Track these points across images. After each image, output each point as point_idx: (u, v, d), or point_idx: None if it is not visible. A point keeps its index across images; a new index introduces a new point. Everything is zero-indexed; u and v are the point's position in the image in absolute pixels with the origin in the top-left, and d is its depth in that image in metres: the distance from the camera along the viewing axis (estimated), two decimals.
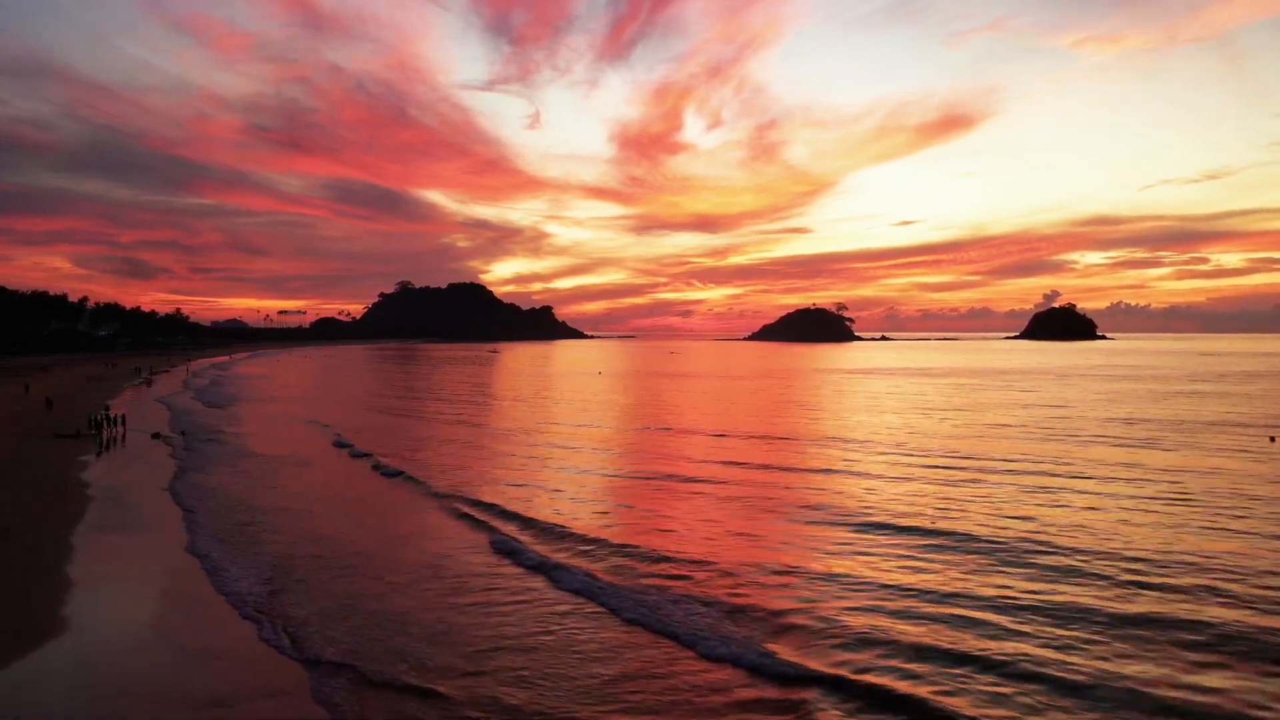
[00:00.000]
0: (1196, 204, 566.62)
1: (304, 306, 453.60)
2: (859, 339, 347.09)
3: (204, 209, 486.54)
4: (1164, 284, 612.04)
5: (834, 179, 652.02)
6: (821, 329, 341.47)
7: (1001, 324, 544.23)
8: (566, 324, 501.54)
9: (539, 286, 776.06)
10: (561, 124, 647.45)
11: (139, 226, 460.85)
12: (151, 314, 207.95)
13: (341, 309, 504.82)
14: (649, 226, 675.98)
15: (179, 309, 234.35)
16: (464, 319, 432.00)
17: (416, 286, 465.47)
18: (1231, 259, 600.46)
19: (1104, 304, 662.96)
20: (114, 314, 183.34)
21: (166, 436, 40.17)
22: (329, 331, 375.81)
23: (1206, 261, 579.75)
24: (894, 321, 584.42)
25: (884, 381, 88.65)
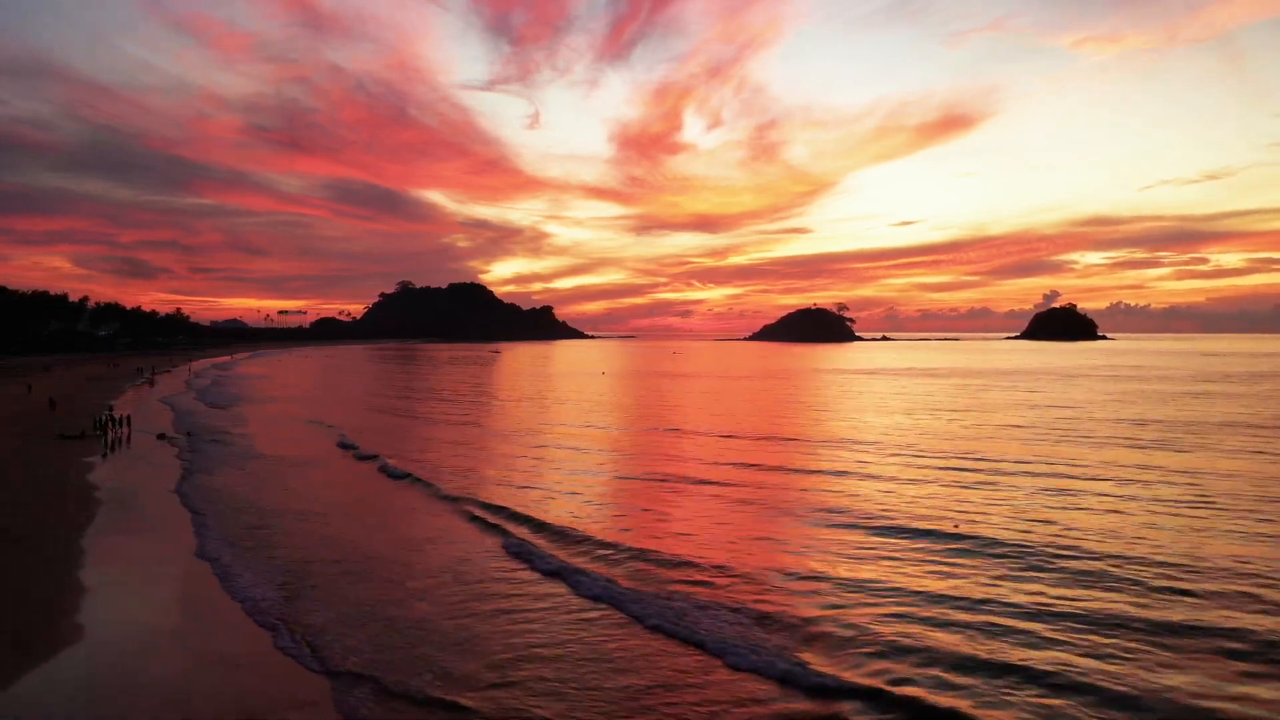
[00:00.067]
0: (1196, 204, 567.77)
1: (304, 306, 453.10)
2: (859, 339, 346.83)
3: (204, 209, 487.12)
4: (1164, 284, 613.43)
5: (834, 179, 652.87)
6: (822, 329, 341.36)
7: (1001, 324, 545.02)
8: (567, 324, 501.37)
9: (539, 286, 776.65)
10: (561, 124, 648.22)
11: (139, 226, 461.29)
12: (152, 314, 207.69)
13: (342, 309, 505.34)
14: (649, 226, 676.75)
15: (179, 309, 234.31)
16: (464, 319, 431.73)
17: (417, 286, 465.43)
18: (1231, 259, 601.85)
19: (1104, 304, 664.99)
20: (114, 314, 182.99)
21: (171, 437, 39.84)
22: (329, 332, 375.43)
23: (1206, 262, 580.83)
24: (894, 322, 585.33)
25: (888, 382, 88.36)
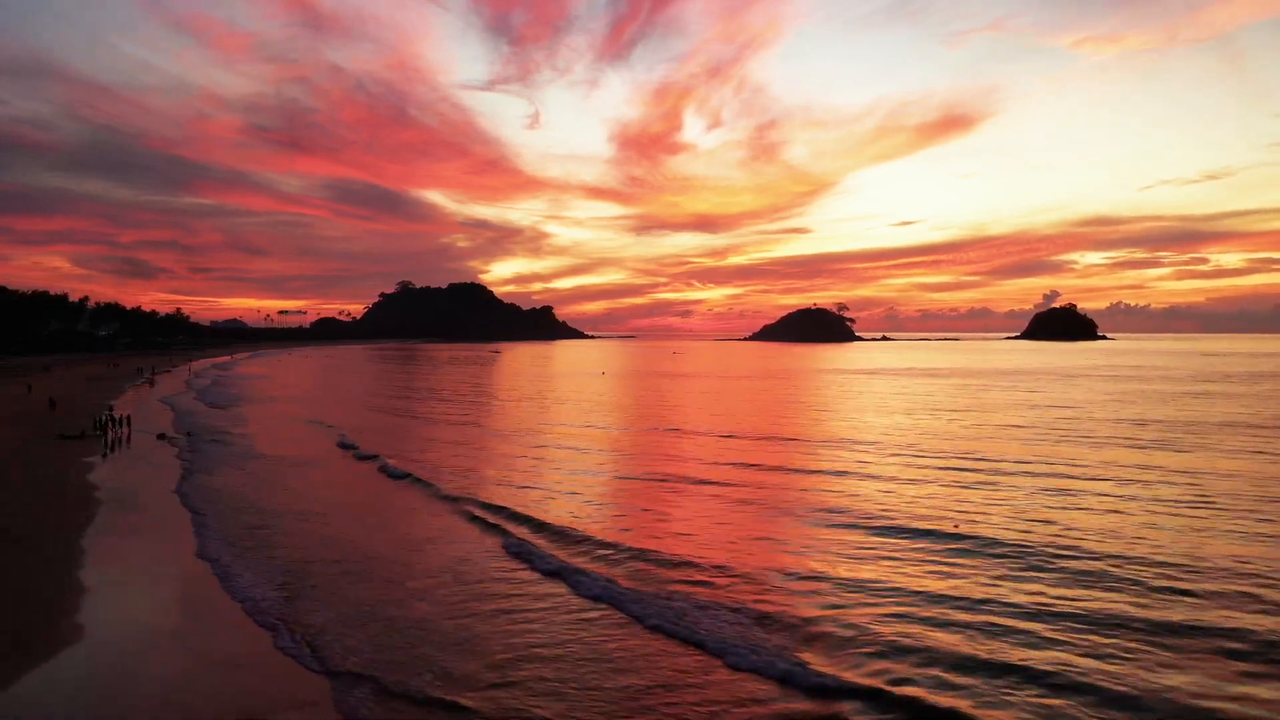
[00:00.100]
0: (1196, 204, 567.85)
1: (304, 306, 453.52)
2: (860, 339, 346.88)
3: (204, 209, 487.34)
4: (1163, 284, 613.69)
5: (834, 179, 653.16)
6: (822, 329, 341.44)
7: (1001, 324, 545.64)
8: (567, 324, 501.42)
9: (539, 286, 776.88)
10: (561, 124, 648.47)
11: (139, 226, 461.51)
12: (152, 314, 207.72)
13: (342, 309, 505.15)
14: (649, 226, 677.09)
15: (179, 309, 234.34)
16: (464, 319, 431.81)
17: (417, 286, 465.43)
18: (1231, 259, 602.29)
19: (1103, 304, 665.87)
20: (114, 314, 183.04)
21: (172, 437, 39.85)
22: (329, 331, 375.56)
23: (1206, 262, 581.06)
24: (893, 322, 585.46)
25: (889, 382, 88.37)
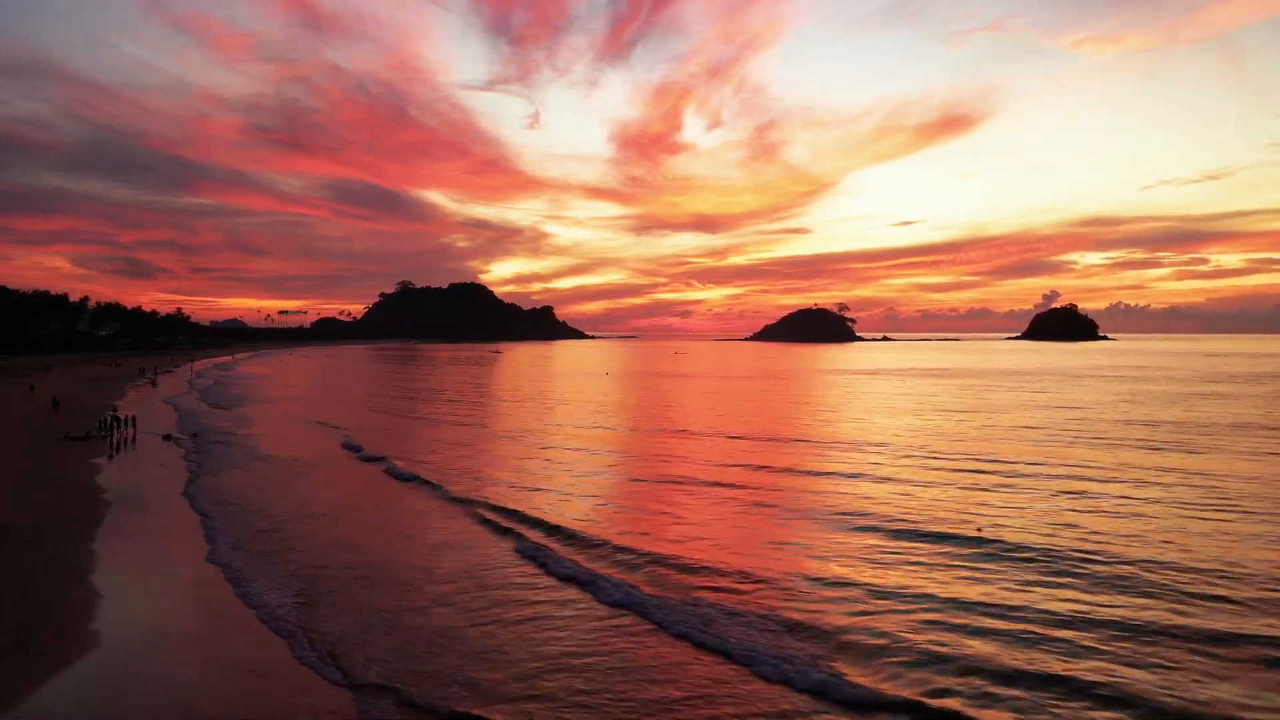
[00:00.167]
0: (1196, 204, 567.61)
1: (304, 306, 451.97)
2: (860, 339, 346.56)
3: (204, 209, 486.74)
4: (1163, 284, 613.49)
5: (834, 179, 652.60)
6: (823, 329, 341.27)
7: (1001, 324, 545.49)
8: (567, 324, 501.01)
9: (539, 286, 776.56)
10: (561, 124, 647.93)
11: (139, 226, 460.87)
12: (152, 314, 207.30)
13: (342, 309, 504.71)
14: (649, 226, 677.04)
15: (180, 309, 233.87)
16: (464, 319, 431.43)
17: (417, 287, 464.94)
18: (1231, 259, 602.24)
19: (1103, 304, 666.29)
20: (115, 314, 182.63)
21: (177, 438, 39.53)
22: (329, 331, 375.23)
23: (1206, 262, 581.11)
24: (893, 322, 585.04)
25: (893, 382, 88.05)
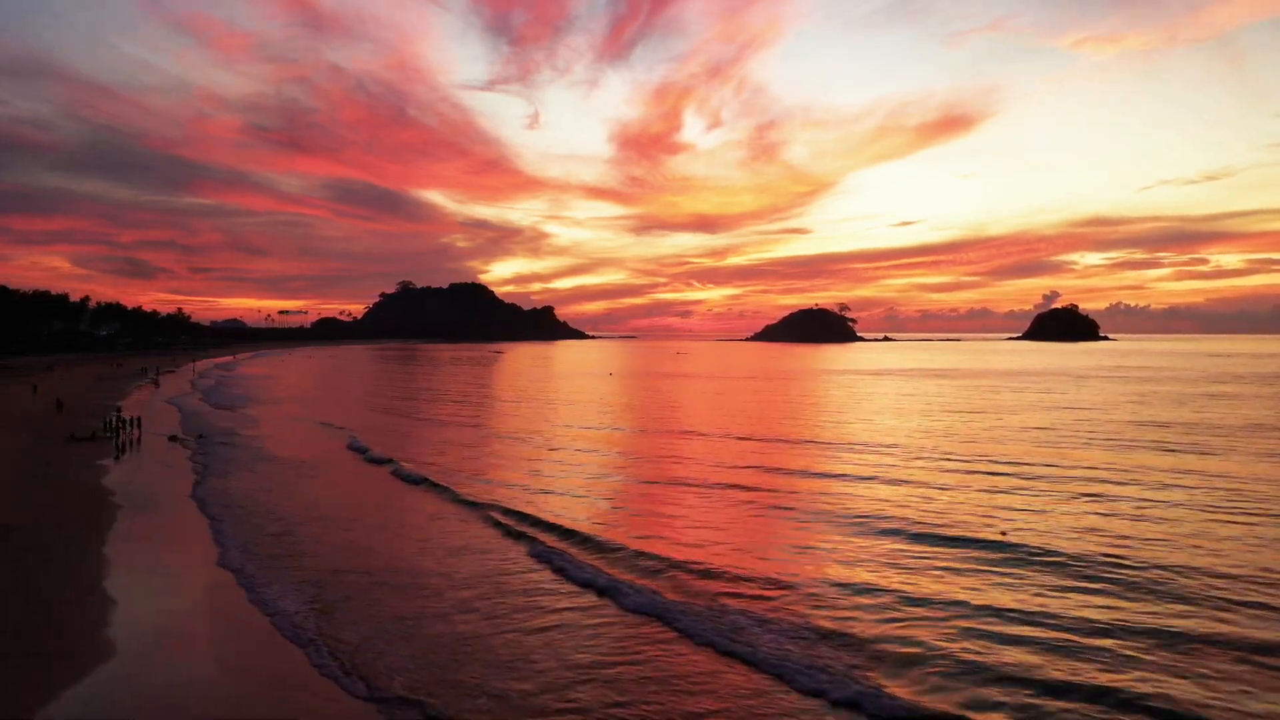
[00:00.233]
0: (1196, 204, 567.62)
1: (304, 306, 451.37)
2: (861, 339, 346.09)
3: (204, 209, 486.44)
4: (1163, 285, 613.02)
5: (834, 179, 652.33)
6: (824, 329, 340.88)
7: (1001, 325, 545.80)
8: (567, 324, 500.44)
9: (538, 287, 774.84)
10: (561, 124, 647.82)
11: (139, 226, 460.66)
12: (153, 314, 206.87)
13: (342, 309, 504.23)
14: (648, 227, 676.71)
15: (180, 309, 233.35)
16: (465, 319, 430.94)
17: (417, 286, 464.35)
18: (1231, 260, 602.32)
19: (1103, 305, 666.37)
20: (115, 314, 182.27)
21: (182, 439, 39.18)
22: (330, 331, 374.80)
23: (1206, 262, 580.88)
24: (893, 322, 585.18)
25: (898, 383, 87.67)
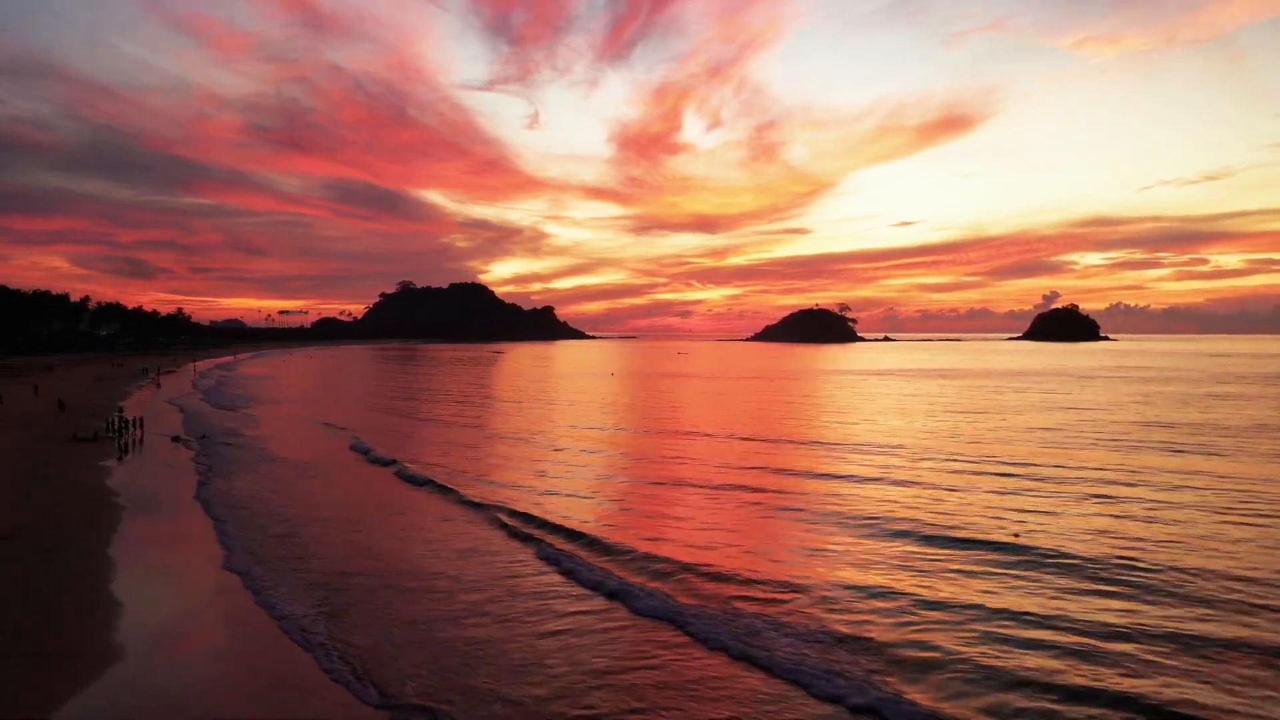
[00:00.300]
0: (1196, 205, 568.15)
1: (304, 306, 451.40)
2: (862, 339, 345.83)
3: (204, 209, 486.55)
4: (1163, 285, 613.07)
5: (834, 179, 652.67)
6: (824, 329, 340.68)
7: (1001, 325, 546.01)
8: (568, 324, 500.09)
9: (538, 287, 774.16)
10: (561, 124, 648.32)
11: (138, 226, 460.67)
12: (153, 314, 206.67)
13: (342, 309, 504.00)
14: (648, 227, 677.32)
15: (180, 309, 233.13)
16: (465, 319, 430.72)
17: (418, 286, 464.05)
18: (1230, 260, 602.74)
19: (1103, 305, 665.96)
20: (116, 314, 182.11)
21: (185, 440, 39.03)
22: (330, 331, 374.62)
23: (1206, 262, 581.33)
24: (893, 322, 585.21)
25: (901, 383, 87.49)
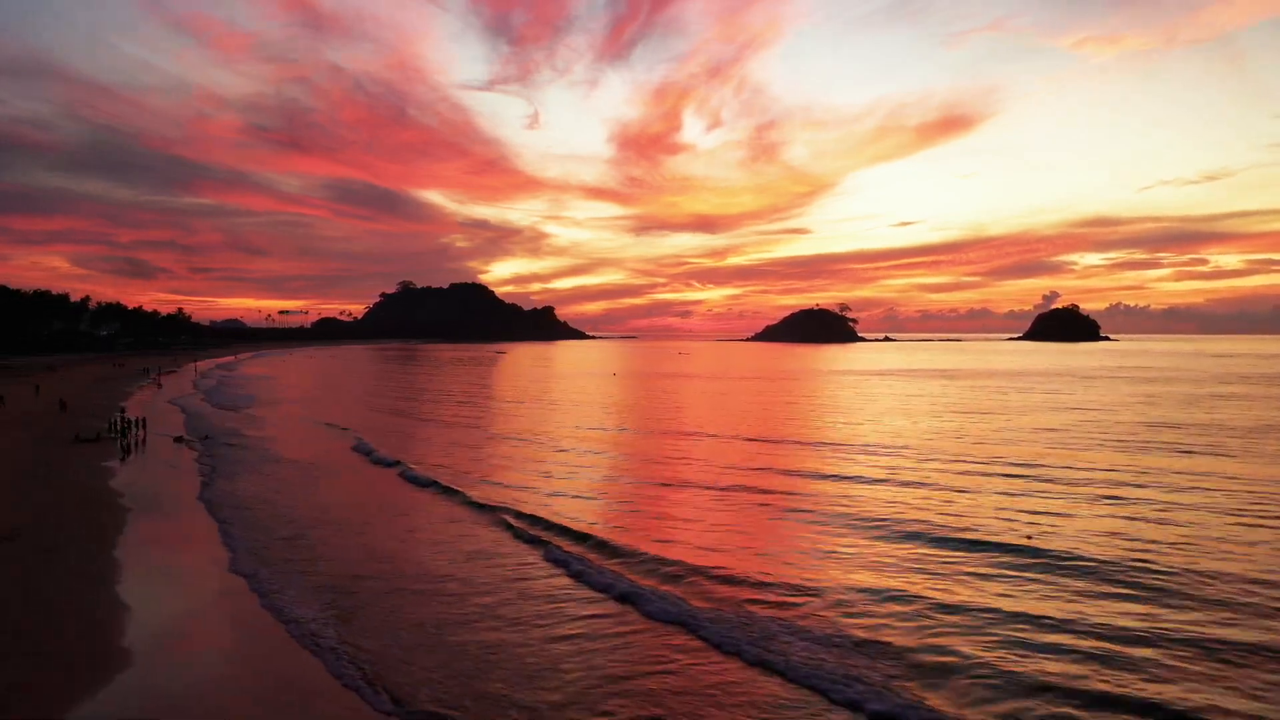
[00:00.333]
0: (1195, 205, 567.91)
1: (304, 306, 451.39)
2: (862, 340, 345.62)
3: (204, 209, 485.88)
4: (1163, 285, 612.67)
5: (834, 179, 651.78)
6: (825, 330, 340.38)
7: (1001, 325, 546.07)
8: (568, 324, 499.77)
9: (538, 287, 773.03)
10: (561, 124, 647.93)
11: (138, 226, 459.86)
12: (153, 314, 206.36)
13: (342, 309, 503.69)
14: (648, 227, 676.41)
15: (181, 309, 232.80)
16: (465, 319, 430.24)
17: (418, 286, 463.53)
18: (1230, 260, 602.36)
19: (1103, 305, 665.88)
20: (116, 314, 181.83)
21: (188, 440, 38.87)
22: (330, 331, 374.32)
23: (1205, 263, 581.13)
24: (893, 322, 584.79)
25: (904, 383, 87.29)
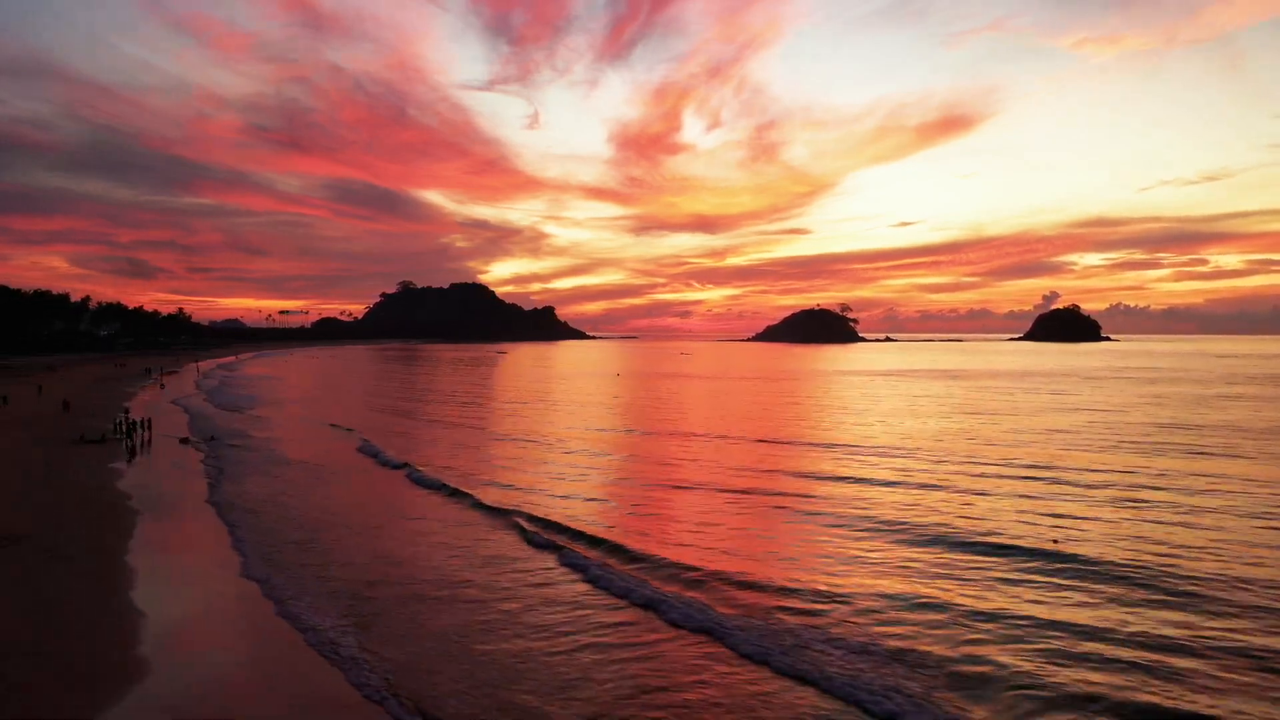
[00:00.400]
0: (1195, 205, 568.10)
1: (304, 306, 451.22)
2: (863, 340, 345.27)
3: (204, 209, 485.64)
4: (1163, 285, 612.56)
5: (834, 179, 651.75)
6: (825, 330, 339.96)
7: (1001, 325, 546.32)
8: (568, 324, 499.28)
9: (538, 287, 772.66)
10: (561, 124, 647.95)
11: (138, 226, 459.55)
12: (154, 314, 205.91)
13: (342, 309, 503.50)
14: (648, 227, 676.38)
15: (181, 309, 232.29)
16: (465, 319, 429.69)
17: (418, 286, 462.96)
18: (1230, 260, 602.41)
19: (1103, 305, 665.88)
20: (116, 314, 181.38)
21: (194, 441, 38.52)
22: (330, 332, 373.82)
23: (1205, 263, 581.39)
24: (893, 323, 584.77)
25: (908, 383, 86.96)
